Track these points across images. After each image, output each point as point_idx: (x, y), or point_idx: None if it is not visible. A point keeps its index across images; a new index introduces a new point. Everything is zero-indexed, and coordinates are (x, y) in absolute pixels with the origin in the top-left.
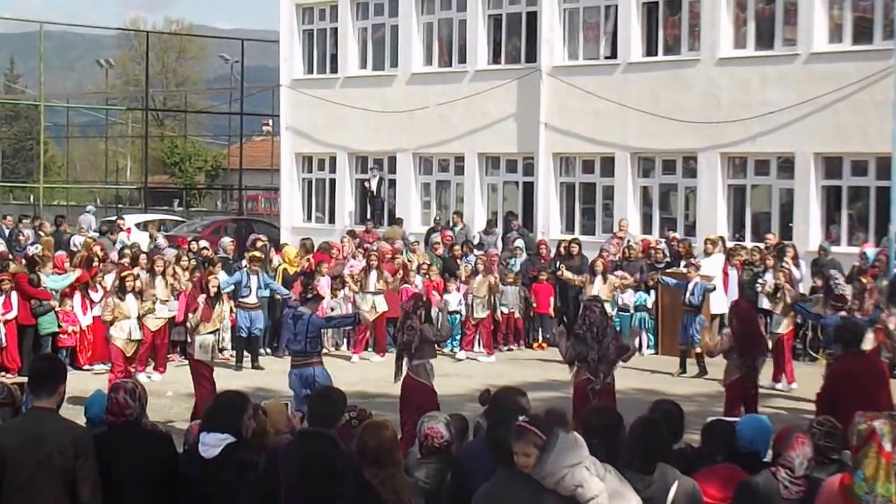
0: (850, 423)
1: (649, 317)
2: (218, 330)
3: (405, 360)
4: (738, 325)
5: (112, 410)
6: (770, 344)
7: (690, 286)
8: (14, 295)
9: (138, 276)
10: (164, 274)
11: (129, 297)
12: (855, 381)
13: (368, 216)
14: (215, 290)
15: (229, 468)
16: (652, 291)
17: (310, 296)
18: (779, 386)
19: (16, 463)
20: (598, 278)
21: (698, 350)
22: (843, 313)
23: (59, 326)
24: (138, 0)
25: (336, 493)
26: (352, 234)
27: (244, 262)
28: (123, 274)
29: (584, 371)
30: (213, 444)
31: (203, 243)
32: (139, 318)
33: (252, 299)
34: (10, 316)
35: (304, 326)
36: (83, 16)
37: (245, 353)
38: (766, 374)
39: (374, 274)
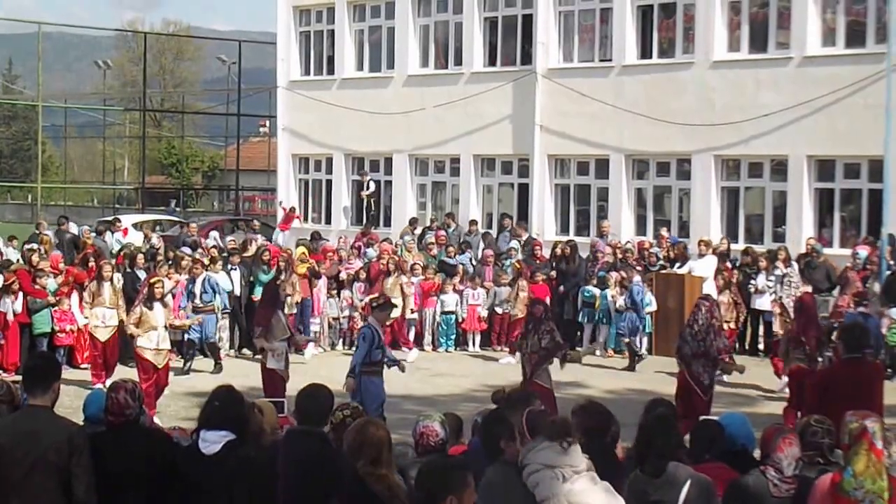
0: (841, 422)
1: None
2: (291, 336)
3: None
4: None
5: (112, 410)
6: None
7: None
8: (19, 295)
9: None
10: (111, 280)
11: (157, 305)
12: (852, 386)
13: (365, 219)
14: (160, 294)
15: (230, 465)
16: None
17: (376, 304)
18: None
19: (11, 460)
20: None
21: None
22: (861, 309)
23: (54, 328)
24: (134, 1)
25: (332, 491)
26: (317, 235)
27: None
28: (152, 281)
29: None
30: (214, 440)
31: (211, 242)
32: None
33: (197, 303)
34: (18, 308)
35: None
36: (80, 17)
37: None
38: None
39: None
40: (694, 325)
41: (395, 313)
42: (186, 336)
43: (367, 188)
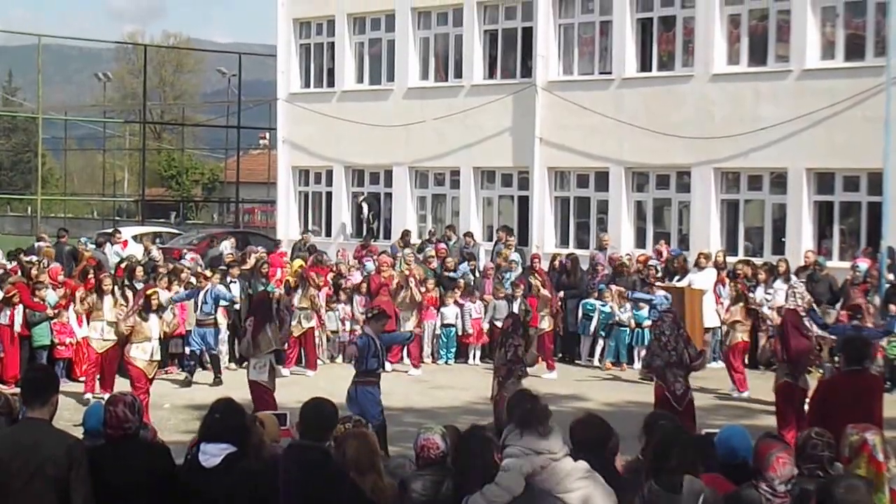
0: (842, 435)
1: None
2: (273, 351)
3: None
4: (781, 333)
5: (110, 423)
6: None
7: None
8: (19, 307)
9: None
10: (112, 293)
11: (153, 316)
12: (852, 398)
13: (364, 232)
14: (156, 305)
15: (230, 477)
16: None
17: (371, 315)
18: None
19: (9, 473)
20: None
21: None
22: (855, 322)
23: (53, 341)
24: (133, 13)
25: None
26: (313, 248)
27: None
28: (148, 292)
29: (658, 378)
30: (214, 453)
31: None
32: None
33: (199, 315)
34: (17, 327)
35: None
36: (80, 29)
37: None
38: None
39: (299, 291)
40: (661, 336)
41: (409, 326)
42: (188, 348)
43: (363, 212)
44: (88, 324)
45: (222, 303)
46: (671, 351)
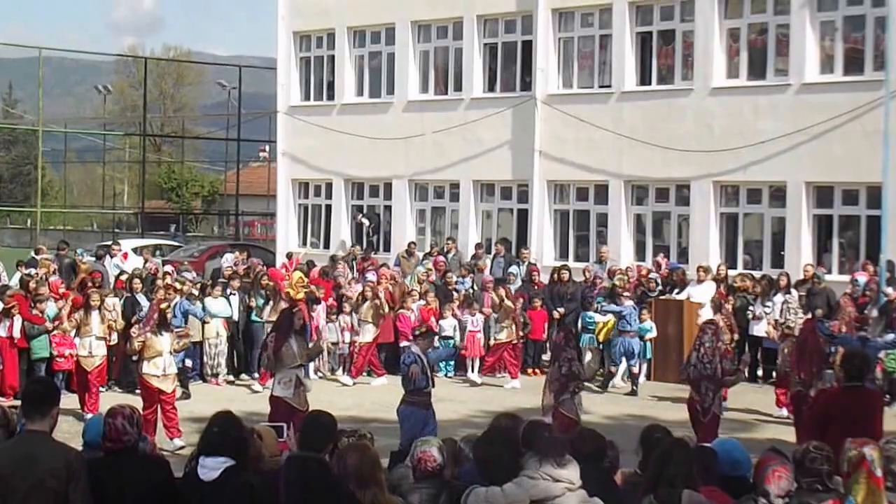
0: (840, 450)
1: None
2: (301, 365)
3: (551, 394)
4: (801, 344)
5: (109, 436)
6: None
7: (624, 311)
8: (18, 319)
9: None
10: (100, 309)
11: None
12: (850, 415)
13: (364, 245)
14: (168, 317)
15: (229, 491)
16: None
17: (418, 332)
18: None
19: (8, 486)
20: None
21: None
22: (862, 333)
23: (52, 353)
24: (133, 26)
25: None
26: (312, 263)
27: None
28: (163, 306)
29: (691, 387)
30: (212, 467)
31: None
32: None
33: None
34: (17, 334)
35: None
36: (80, 42)
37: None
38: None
39: (270, 304)
40: (700, 347)
41: (368, 337)
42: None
43: (364, 226)
44: (78, 339)
45: (202, 315)
46: (706, 363)
